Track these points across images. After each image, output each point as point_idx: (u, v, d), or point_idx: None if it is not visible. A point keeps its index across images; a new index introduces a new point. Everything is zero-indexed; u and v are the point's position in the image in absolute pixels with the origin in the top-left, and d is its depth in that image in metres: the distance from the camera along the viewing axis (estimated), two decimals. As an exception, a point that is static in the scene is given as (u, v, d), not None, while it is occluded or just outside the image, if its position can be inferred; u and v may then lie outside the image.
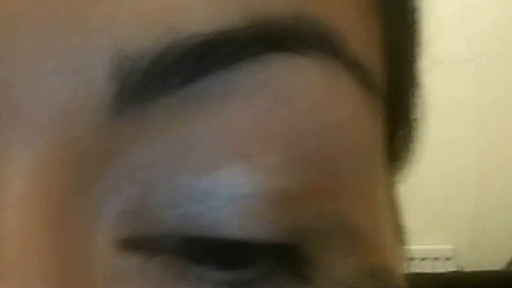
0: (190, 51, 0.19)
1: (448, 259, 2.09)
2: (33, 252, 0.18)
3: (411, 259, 0.26)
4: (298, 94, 0.20)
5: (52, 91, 0.18)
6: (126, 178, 0.19)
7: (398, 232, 0.25)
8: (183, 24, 0.19)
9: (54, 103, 0.18)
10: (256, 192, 0.19)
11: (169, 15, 0.19)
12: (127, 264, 0.19)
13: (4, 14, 0.18)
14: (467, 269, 1.93)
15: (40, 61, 0.18)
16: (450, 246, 2.09)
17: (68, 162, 0.18)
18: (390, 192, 0.24)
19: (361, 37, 0.21)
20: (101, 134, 0.18)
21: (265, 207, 0.19)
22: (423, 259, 2.05)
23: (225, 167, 0.19)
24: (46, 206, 0.18)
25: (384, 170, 0.23)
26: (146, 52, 0.18)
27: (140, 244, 0.19)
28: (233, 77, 0.19)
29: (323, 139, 0.20)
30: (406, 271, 0.24)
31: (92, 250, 0.19)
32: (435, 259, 2.07)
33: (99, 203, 0.19)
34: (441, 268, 2.04)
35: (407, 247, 0.26)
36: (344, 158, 0.20)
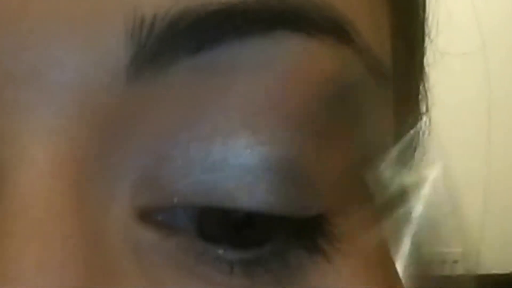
0: (204, 18, 0.19)
1: (455, 262, 2.09)
2: (54, 217, 0.18)
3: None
4: (308, 75, 0.20)
5: (68, 53, 0.18)
6: (141, 146, 0.19)
7: None
8: None
9: (70, 65, 0.18)
10: (263, 164, 0.20)
11: None
12: (144, 237, 0.19)
13: None
14: (475, 272, 1.93)
15: (56, 23, 0.18)
16: (458, 249, 2.09)
17: (87, 125, 0.19)
18: None
19: (371, 27, 0.22)
20: (117, 99, 0.19)
21: (272, 178, 0.20)
22: (430, 262, 2.05)
23: (234, 138, 0.20)
24: (65, 172, 0.18)
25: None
26: (161, 16, 0.19)
27: (156, 217, 0.19)
28: (243, 50, 0.19)
29: (332, 121, 0.20)
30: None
31: (110, 217, 0.19)
32: (443, 262, 2.07)
33: (118, 170, 0.19)
34: (448, 271, 2.04)
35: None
36: (353, 143, 0.21)
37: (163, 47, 0.19)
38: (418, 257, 0.25)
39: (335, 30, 0.20)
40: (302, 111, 0.20)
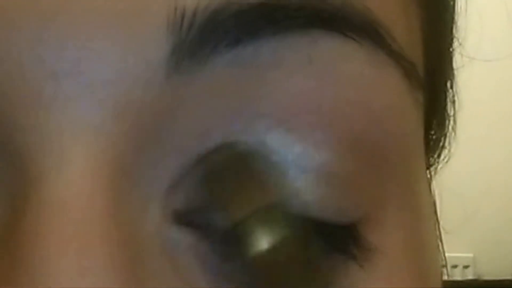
0: (243, 11, 0.19)
1: (466, 267, 2.07)
2: (94, 219, 0.18)
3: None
4: (344, 77, 0.20)
5: (109, 48, 0.18)
6: (179, 143, 0.19)
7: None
8: None
9: (111, 60, 0.18)
10: (296, 163, 0.20)
11: None
12: (179, 239, 0.19)
13: None
14: (485, 277, 1.92)
15: (97, 18, 0.18)
16: (470, 254, 2.07)
17: (126, 121, 0.18)
18: (429, 187, 0.25)
19: (405, 31, 0.22)
20: (157, 93, 0.19)
21: (306, 180, 0.20)
22: (441, 266, 2.04)
23: (269, 135, 0.20)
24: (104, 171, 0.18)
25: (424, 164, 0.23)
26: (202, 8, 0.19)
27: (191, 219, 0.19)
28: (281, 47, 0.19)
29: (367, 124, 0.20)
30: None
31: (147, 219, 0.19)
32: (453, 266, 2.06)
33: (154, 168, 0.19)
34: (459, 275, 2.03)
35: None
36: (388, 146, 0.21)
37: (203, 40, 0.19)
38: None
39: (371, 33, 0.20)
40: (337, 112, 0.20)
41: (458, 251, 2.01)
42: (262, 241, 0.20)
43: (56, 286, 0.17)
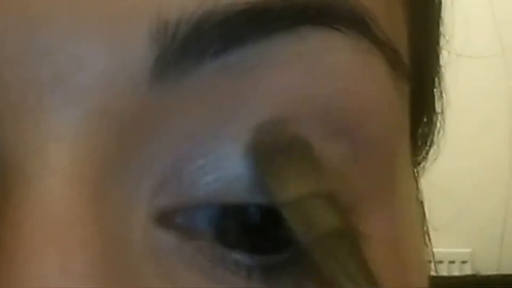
0: (228, 19, 0.19)
1: (464, 262, 2.07)
2: (75, 221, 0.18)
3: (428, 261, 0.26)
4: (333, 69, 0.20)
5: (93, 57, 0.18)
6: (164, 148, 0.19)
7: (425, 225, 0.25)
8: None
9: (95, 69, 0.18)
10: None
11: None
12: (164, 241, 0.19)
13: None
14: (483, 273, 1.92)
15: (80, 27, 0.18)
16: (467, 250, 2.08)
17: (109, 130, 0.19)
18: (416, 183, 0.25)
19: (388, 20, 0.22)
20: (141, 102, 0.19)
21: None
22: (439, 262, 2.04)
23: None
24: (87, 176, 0.18)
25: (409, 158, 0.23)
26: (186, 17, 0.19)
27: (175, 220, 0.20)
28: (269, 48, 0.20)
29: (357, 112, 0.21)
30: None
31: (131, 221, 0.19)
32: (451, 262, 2.06)
33: (139, 174, 0.19)
34: (456, 271, 2.03)
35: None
36: (374, 135, 0.21)
37: (188, 50, 0.19)
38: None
39: (357, 22, 0.20)
40: (330, 103, 0.20)
41: (455, 246, 2.01)
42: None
43: (39, 286, 0.17)
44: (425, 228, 0.26)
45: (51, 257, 0.18)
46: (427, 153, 0.28)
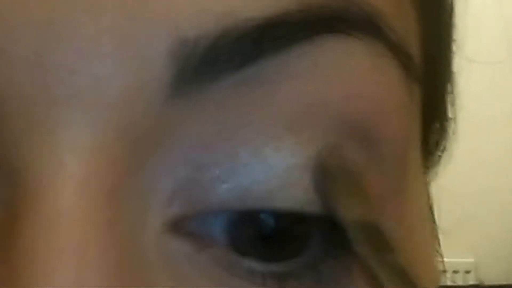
0: (246, 34, 0.19)
1: (468, 272, 2.07)
2: (90, 230, 0.18)
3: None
4: (349, 75, 0.20)
5: (112, 74, 0.18)
6: (179, 158, 0.19)
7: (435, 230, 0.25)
8: (238, 9, 0.19)
9: (114, 86, 0.18)
10: (305, 164, 0.20)
11: (225, 0, 0.19)
12: (177, 249, 0.19)
13: None
14: (487, 283, 1.92)
15: (100, 45, 0.18)
16: (471, 260, 2.07)
17: (125, 142, 0.19)
18: (427, 188, 0.25)
19: (399, 19, 0.22)
20: (158, 116, 0.19)
21: (313, 177, 0.20)
22: (443, 271, 2.03)
23: (278, 142, 0.20)
24: (102, 185, 0.18)
25: (420, 162, 0.23)
26: (203, 35, 0.19)
27: (189, 229, 0.20)
28: (286, 60, 0.20)
29: (372, 116, 0.21)
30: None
31: (145, 230, 0.19)
32: (455, 272, 2.06)
33: (153, 183, 0.19)
34: (460, 281, 2.03)
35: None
36: (387, 139, 0.21)
37: (206, 66, 0.19)
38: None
39: (371, 26, 0.20)
40: (344, 109, 0.20)
41: (459, 256, 2.01)
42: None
43: None
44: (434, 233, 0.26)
45: (67, 268, 0.18)
46: (439, 159, 0.27)
